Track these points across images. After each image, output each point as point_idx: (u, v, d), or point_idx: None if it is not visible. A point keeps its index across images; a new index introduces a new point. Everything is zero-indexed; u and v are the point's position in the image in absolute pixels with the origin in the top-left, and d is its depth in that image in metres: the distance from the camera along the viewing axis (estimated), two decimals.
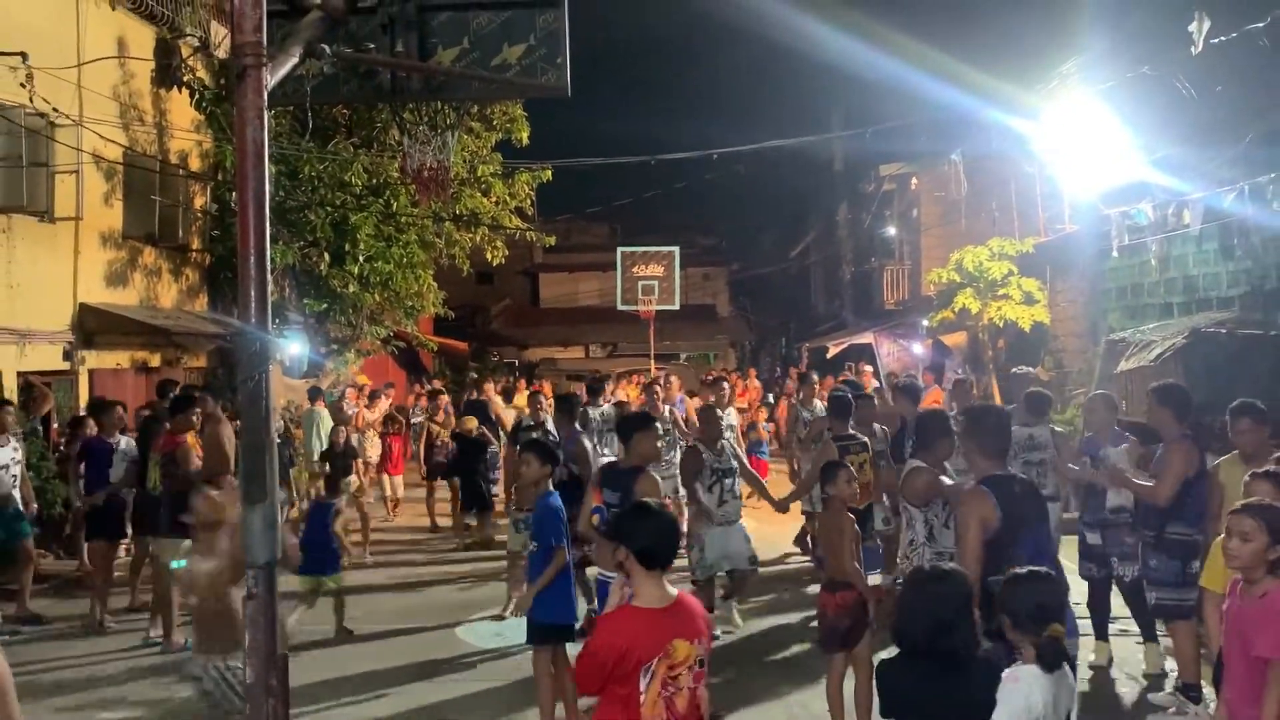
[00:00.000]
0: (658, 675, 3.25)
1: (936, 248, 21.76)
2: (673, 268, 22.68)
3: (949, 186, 17.12)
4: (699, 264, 35.48)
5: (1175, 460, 5.79)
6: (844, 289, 31.45)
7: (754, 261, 36.91)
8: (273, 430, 3.96)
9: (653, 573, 3.35)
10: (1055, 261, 16.33)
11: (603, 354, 35.45)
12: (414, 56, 5.27)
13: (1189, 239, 11.68)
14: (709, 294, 37.96)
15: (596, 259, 33.79)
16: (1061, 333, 16.21)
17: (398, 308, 16.46)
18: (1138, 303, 13.52)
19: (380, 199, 15.33)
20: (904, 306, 24.81)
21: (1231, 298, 11.35)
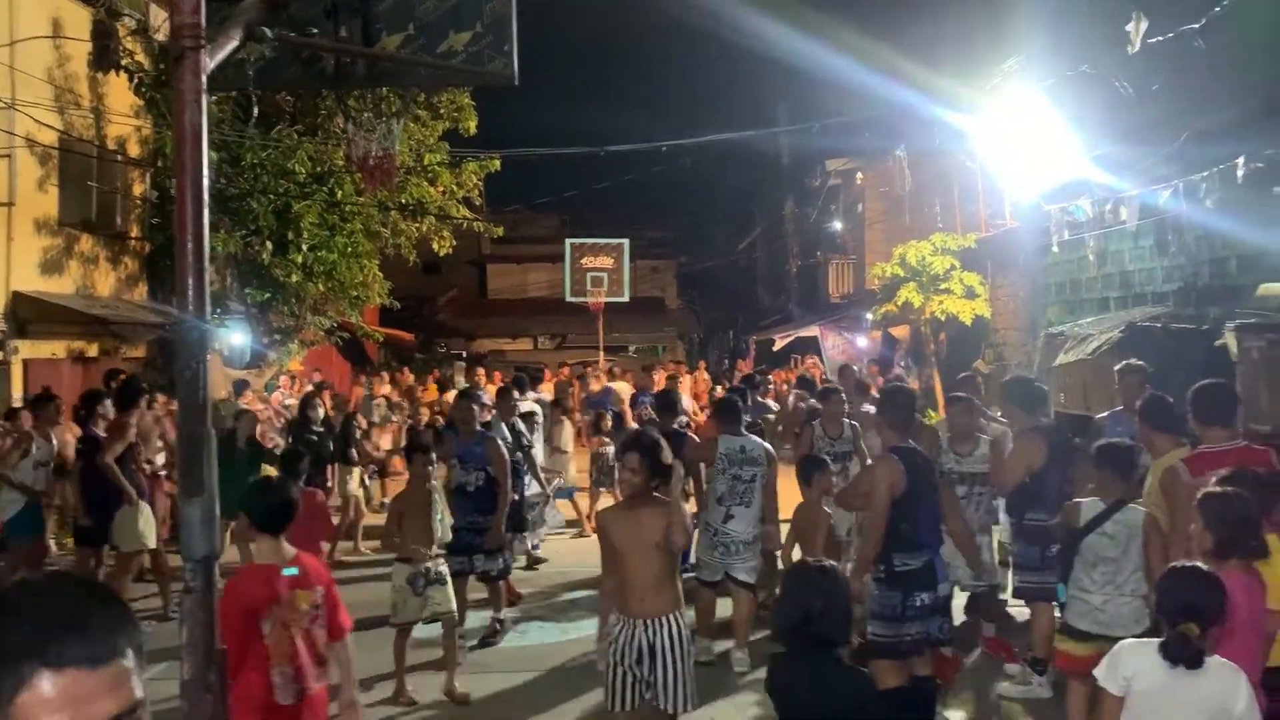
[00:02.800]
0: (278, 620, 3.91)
1: (881, 242, 22.00)
2: (622, 260, 22.68)
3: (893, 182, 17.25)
4: (648, 257, 35.43)
5: (1020, 451, 6.11)
6: (790, 282, 31.65)
7: (702, 255, 36.96)
8: (210, 421, 3.87)
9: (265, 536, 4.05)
10: (996, 257, 16.56)
11: (551, 345, 35.29)
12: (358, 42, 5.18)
13: (1126, 235, 11.91)
14: (658, 286, 37.96)
15: (545, 250, 33.61)
16: (1002, 326, 16.45)
17: (342, 298, 16.23)
18: (1076, 297, 13.76)
19: (325, 187, 15.09)
20: (849, 300, 25.04)
21: (1166, 293, 11.59)
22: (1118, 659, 3.48)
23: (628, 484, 4.59)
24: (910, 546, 5.28)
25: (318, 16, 4.92)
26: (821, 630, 3.22)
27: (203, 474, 3.84)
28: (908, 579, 5.26)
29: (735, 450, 7.06)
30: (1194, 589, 3.44)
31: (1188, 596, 3.41)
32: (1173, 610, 3.41)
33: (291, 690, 3.91)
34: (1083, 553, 5.22)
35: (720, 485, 7.08)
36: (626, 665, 4.47)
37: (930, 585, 5.30)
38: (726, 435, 7.17)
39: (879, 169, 21.41)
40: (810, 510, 6.18)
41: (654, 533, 4.47)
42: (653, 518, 4.51)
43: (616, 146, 12.47)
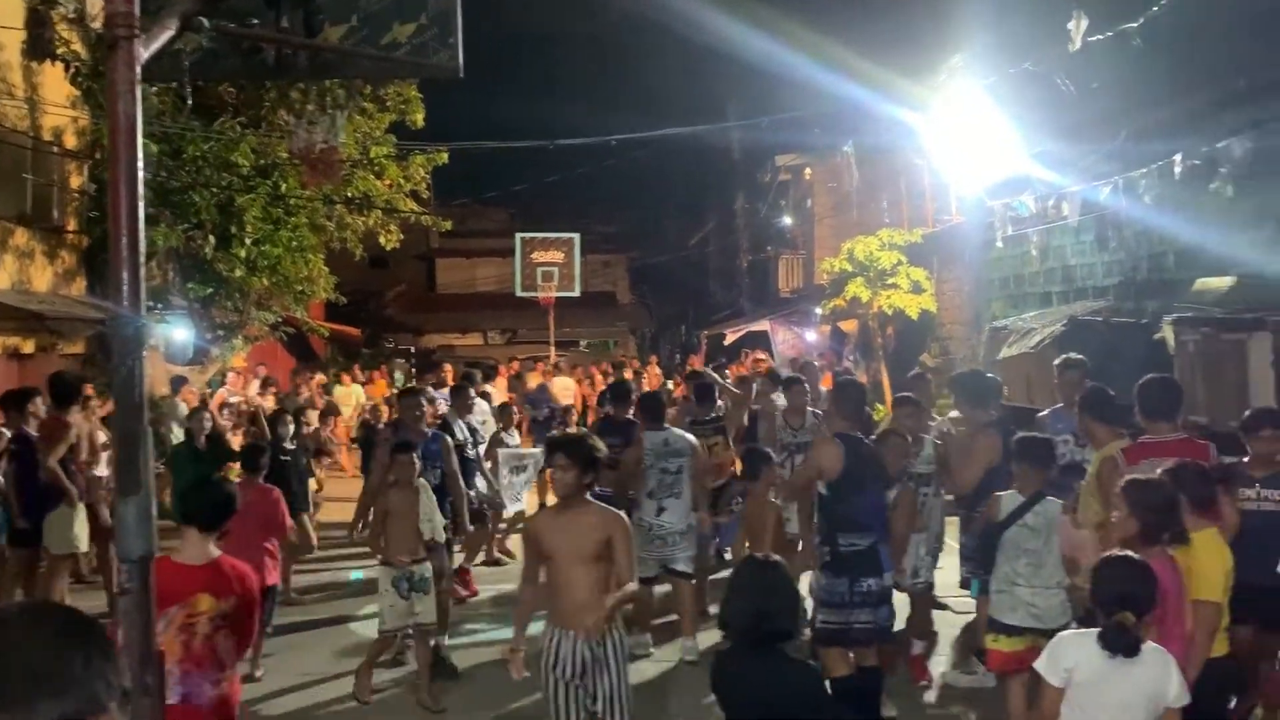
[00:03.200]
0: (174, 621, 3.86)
1: (830, 237, 22.17)
2: (573, 254, 22.66)
3: (841, 178, 17.45)
4: (599, 251, 35.38)
5: (979, 450, 6.18)
6: (741, 277, 31.80)
7: (654, 249, 36.97)
8: (146, 419, 3.79)
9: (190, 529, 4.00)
10: (942, 251, 16.77)
11: (501, 340, 35.11)
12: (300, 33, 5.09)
13: (1068, 231, 12.12)
14: (609, 281, 37.92)
15: (495, 245, 33.42)
16: (948, 320, 16.67)
17: (287, 293, 15.98)
18: (1020, 292, 13.99)
19: (268, 181, 14.85)
20: (799, 294, 25.20)
21: (1106, 287, 11.83)
22: (1058, 651, 3.55)
23: (560, 484, 4.42)
24: (854, 527, 5.36)
25: (258, 6, 4.83)
26: (774, 627, 3.22)
27: (139, 472, 3.76)
28: (853, 561, 5.33)
29: (659, 444, 7.22)
30: (1128, 578, 3.50)
31: (1123, 586, 3.47)
32: (1108, 600, 3.47)
33: (176, 692, 3.82)
34: (1004, 546, 5.31)
35: (650, 480, 7.22)
36: (568, 679, 4.33)
37: (876, 572, 5.38)
38: (650, 430, 7.33)
39: (827, 165, 21.60)
40: (759, 504, 6.21)
41: (591, 541, 4.30)
42: (591, 525, 4.34)
43: (566, 140, 12.42)
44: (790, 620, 3.31)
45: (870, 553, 5.39)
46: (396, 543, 6.29)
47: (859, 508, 5.38)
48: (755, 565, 3.39)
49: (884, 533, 5.53)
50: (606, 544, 4.30)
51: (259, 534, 6.79)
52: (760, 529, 6.06)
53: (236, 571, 4.06)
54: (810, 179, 24.53)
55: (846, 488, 5.39)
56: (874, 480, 5.56)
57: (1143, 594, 3.49)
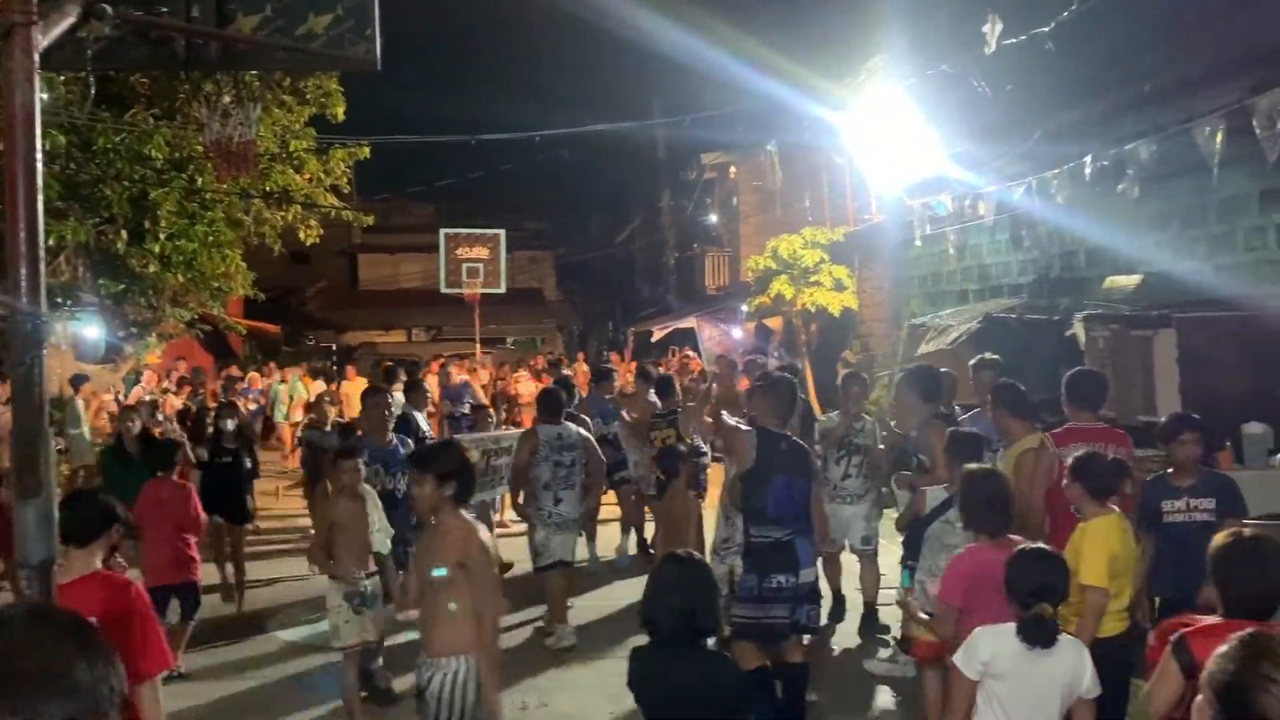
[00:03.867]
0: None
1: (755, 235, 22.35)
2: (498, 250, 22.42)
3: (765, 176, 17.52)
4: (526, 247, 35.23)
5: (936, 439, 6.18)
6: (668, 274, 31.90)
7: (581, 246, 36.92)
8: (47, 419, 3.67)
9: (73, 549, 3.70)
10: (863, 250, 17.00)
11: (426, 337, 34.73)
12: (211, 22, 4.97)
13: (983, 230, 12.37)
14: (536, 278, 37.76)
15: (419, 240, 33.00)
16: (869, 318, 16.92)
17: (203, 289, 15.58)
18: (937, 289, 14.26)
19: (184, 174, 14.45)
20: (725, 292, 25.37)
21: (1020, 285, 12.12)
22: (975, 644, 3.62)
23: (416, 500, 4.19)
24: (762, 519, 5.38)
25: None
26: (700, 624, 3.22)
27: (39, 474, 3.63)
28: (763, 555, 5.32)
29: (553, 438, 7.57)
30: (1043, 570, 3.59)
31: (1038, 578, 3.56)
32: (1025, 592, 3.54)
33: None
34: (929, 540, 5.40)
35: (544, 472, 7.54)
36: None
37: (789, 568, 5.34)
38: (545, 425, 7.68)
39: (752, 163, 21.75)
40: (679, 500, 6.22)
41: (439, 560, 4.02)
42: (444, 544, 4.04)
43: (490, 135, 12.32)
44: (714, 616, 3.33)
45: (782, 547, 5.34)
46: (346, 556, 5.86)
47: (767, 499, 5.39)
48: (678, 563, 3.37)
49: (803, 527, 5.47)
50: (459, 566, 3.98)
51: (175, 532, 6.83)
52: (684, 522, 6.07)
53: (105, 589, 3.66)
54: (735, 177, 24.69)
55: (755, 481, 5.42)
56: (790, 474, 5.48)
57: (1058, 585, 3.58)
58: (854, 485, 7.47)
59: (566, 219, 39.61)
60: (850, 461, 7.46)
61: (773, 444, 5.51)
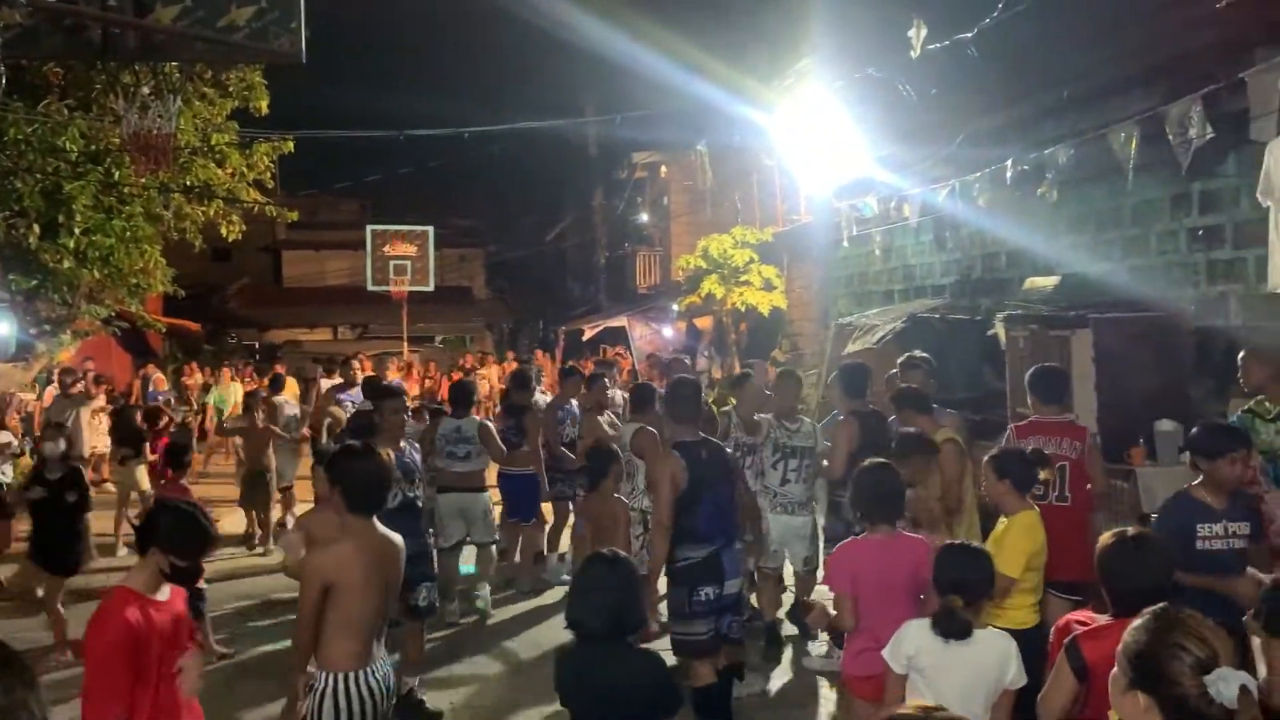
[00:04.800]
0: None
1: (685, 234, 22.48)
2: (427, 248, 22.24)
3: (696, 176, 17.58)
4: (455, 245, 34.87)
5: (840, 437, 6.48)
6: (599, 273, 31.87)
7: (511, 244, 36.74)
8: None
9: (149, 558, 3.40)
10: (792, 250, 17.18)
11: (352, 336, 34.22)
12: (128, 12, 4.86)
13: (908, 231, 12.56)
14: (465, 276, 37.44)
15: (346, 237, 32.58)
16: (797, 317, 17.10)
17: (120, 285, 15.15)
18: (864, 289, 14.46)
19: (100, 167, 14.03)
20: (656, 291, 25.44)
21: (944, 285, 12.35)
22: (901, 638, 3.71)
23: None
24: (693, 539, 5.22)
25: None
26: (625, 621, 3.24)
27: None
28: (689, 573, 5.21)
29: (451, 431, 8.11)
30: (962, 565, 3.69)
31: (956, 572, 3.66)
32: (943, 585, 3.65)
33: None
34: None
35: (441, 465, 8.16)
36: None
37: (715, 579, 5.22)
38: (451, 417, 8.27)
39: (683, 163, 21.82)
40: (606, 502, 6.21)
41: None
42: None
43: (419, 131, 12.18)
44: (641, 613, 3.35)
45: (707, 561, 5.22)
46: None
47: (699, 517, 5.22)
48: (604, 562, 3.37)
49: (729, 536, 5.37)
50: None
51: None
52: (611, 525, 6.05)
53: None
54: (666, 176, 24.79)
55: (688, 500, 5.21)
56: (717, 481, 5.36)
57: (974, 580, 3.67)
58: (795, 491, 6.98)
59: (497, 217, 39.37)
60: (788, 465, 6.97)
61: (695, 458, 5.27)
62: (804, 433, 7.12)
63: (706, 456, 5.34)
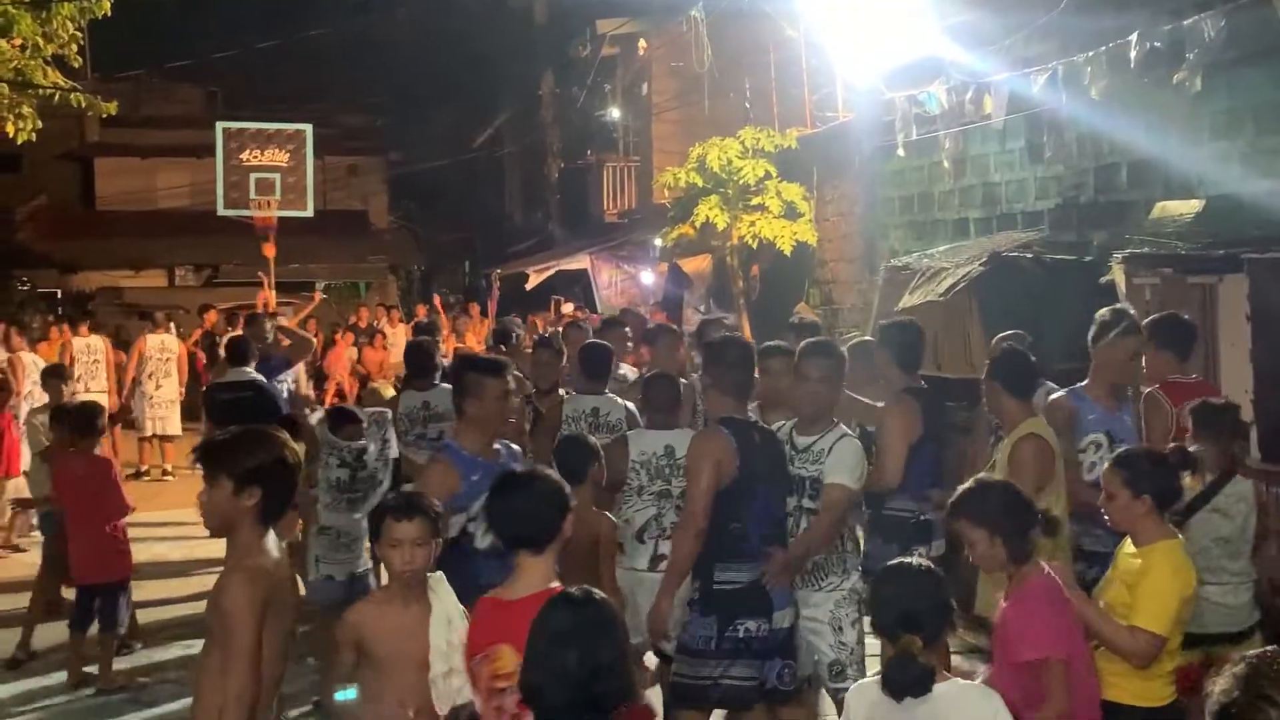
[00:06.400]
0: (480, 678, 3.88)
1: (673, 138, 22.38)
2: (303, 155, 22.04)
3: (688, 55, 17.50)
4: (343, 151, 34.69)
5: (894, 424, 6.41)
6: (549, 193, 31.75)
7: (424, 151, 36.50)
8: None
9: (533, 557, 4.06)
10: (825, 162, 17.08)
11: (196, 281, 34.01)
12: None
13: (990, 135, 12.52)
14: (358, 196, 37.27)
15: (185, 139, 32.27)
16: (831, 257, 17.04)
17: None
18: (926, 218, 14.40)
19: None
20: (630, 219, 25.40)
21: (1040, 213, 12.31)
22: (850, 703, 3.83)
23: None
24: (737, 555, 5.30)
25: None
26: (603, 689, 3.18)
27: None
28: (729, 601, 5.30)
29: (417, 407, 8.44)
30: (911, 592, 3.73)
31: (905, 602, 3.69)
32: (888, 622, 3.69)
33: None
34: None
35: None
36: None
37: (763, 611, 5.31)
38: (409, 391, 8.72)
39: (670, 36, 21.69)
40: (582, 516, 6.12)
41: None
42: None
43: None
44: (625, 678, 3.27)
45: (754, 587, 5.32)
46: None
47: (748, 523, 5.31)
48: (572, 605, 3.34)
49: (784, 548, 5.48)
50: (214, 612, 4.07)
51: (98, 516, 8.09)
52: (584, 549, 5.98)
53: None
54: (646, 55, 24.62)
55: (734, 499, 5.32)
56: (772, 480, 5.47)
57: (929, 608, 3.71)
58: None
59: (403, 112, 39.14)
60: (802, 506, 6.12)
61: (748, 441, 5.39)
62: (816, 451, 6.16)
63: (760, 442, 5.47)
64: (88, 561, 8.13)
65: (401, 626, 4.39)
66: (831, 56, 16.21)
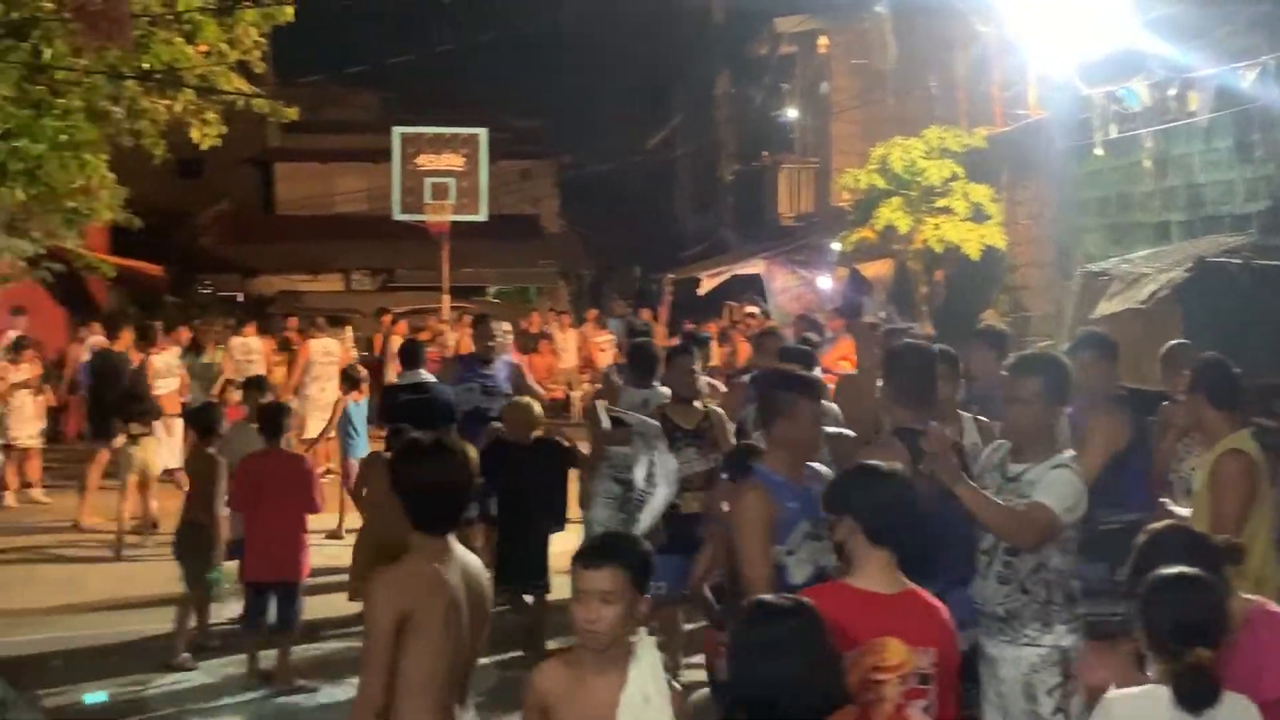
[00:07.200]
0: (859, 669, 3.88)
1: (854, 139, 22.23)
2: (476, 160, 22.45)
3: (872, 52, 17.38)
4: (515, 155, 35.12)
5: (1100, 431, 6.19)
6: (723, 196, 31.77)
7: (595, 154, 36.81)
8: None
9: (878, 549, 4.11)
10: (1016, 162, 16.97)
11: (372, 285, 34.79)
12: None
13: (1195, 133, 12.26)
14: (529, 200, 37.72)
15: (362, 144, 33.00)
16: (1022, 261, 16.87)
17: (53, 211, 15.69)
18: (1125, 220, 14.15)
19: (24, 43, 14.51)
20: (807, 223, 25.33)
21: (1248, 215, 12.01)
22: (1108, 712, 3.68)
23: None
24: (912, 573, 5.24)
25: None
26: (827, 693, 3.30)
27: None
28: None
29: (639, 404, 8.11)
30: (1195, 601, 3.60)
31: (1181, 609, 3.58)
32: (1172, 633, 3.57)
33: None
34: None
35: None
36: None
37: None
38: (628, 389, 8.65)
39: (852, 33, 21.60)
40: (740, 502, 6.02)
41: None
42: None
43: None
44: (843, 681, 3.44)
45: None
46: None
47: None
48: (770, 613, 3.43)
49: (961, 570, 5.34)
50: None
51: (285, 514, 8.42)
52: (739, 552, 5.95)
53: (937, 613, 4.21)
54: (827, 52, 24.54)
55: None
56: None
57: (1214, 618, 3.59)
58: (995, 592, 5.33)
59: (575, 115, 39.53)
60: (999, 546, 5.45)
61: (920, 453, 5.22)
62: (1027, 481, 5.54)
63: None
64: (265, 559, 8.39)
65: (587, 700, 3.85)
66: (1023, 52, 16.03)
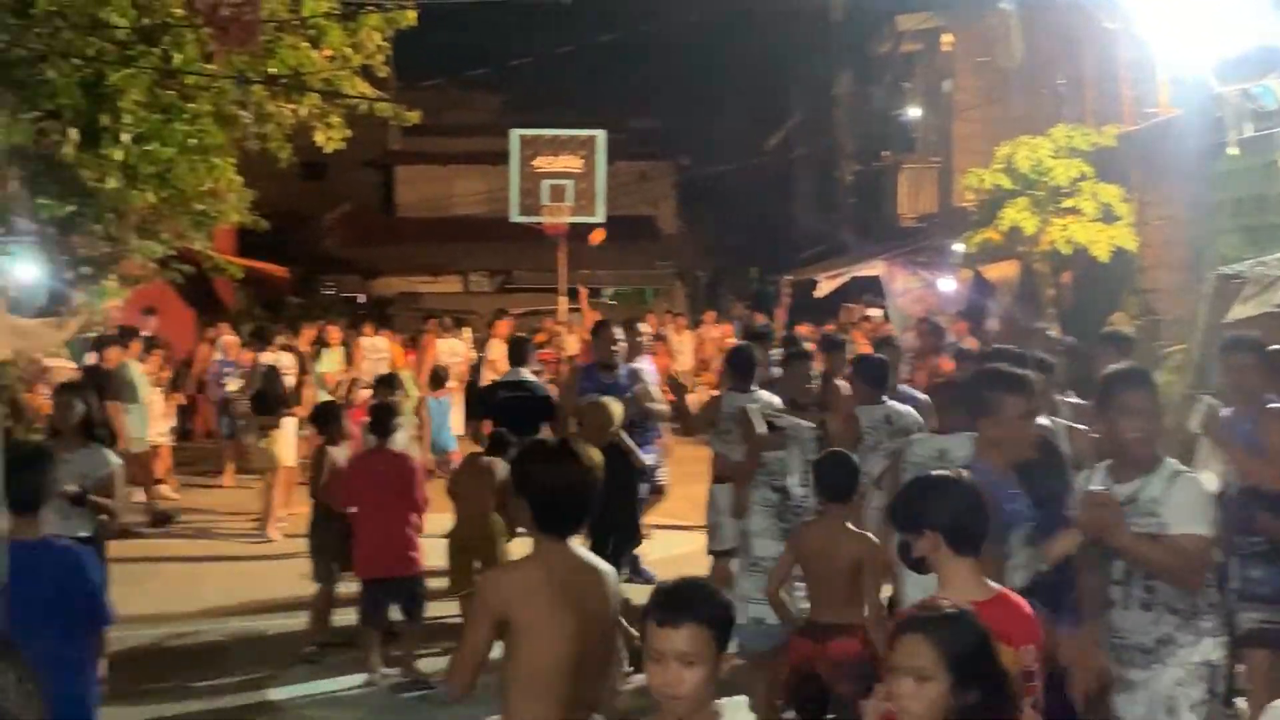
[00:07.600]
0: None
1: (978, 138, 22.04)
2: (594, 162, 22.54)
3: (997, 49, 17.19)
4: (632, 157, 35.28)
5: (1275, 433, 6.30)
6: (843, 197, 31.61)
7: (712, 155, 36.83)
8: None
9: (964, 558, 4.18)
10: (1146, 161, 16.72)
11: (490, 286, 35.20)
12: None
13: None
14: (647, 201, 37.85)
15: (481, 146, 33.40)
16: (1153, 264, 16.66)
17: (182, 213, 16.05)
18: (1261, 221, 13.89)
19: (156, 50, 14.85)
20: (929, 223, 25.19)
21: None
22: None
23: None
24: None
25: None
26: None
27: None
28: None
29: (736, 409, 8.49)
30: None
31: None
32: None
33: None
34: None
35: None
36: None
37: None
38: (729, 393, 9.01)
39: (976, 31, 21.44)
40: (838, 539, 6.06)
41: None
42: None
43: None
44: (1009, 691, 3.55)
45: None
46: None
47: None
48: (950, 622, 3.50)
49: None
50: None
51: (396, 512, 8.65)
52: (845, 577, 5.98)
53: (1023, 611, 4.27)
54: (951, 51, 24.40)
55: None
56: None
57: None
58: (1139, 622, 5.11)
59: (692, 116, 39.58)
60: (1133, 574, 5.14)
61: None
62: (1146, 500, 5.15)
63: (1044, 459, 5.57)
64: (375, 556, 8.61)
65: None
66: (1154, 48, 15.78)
